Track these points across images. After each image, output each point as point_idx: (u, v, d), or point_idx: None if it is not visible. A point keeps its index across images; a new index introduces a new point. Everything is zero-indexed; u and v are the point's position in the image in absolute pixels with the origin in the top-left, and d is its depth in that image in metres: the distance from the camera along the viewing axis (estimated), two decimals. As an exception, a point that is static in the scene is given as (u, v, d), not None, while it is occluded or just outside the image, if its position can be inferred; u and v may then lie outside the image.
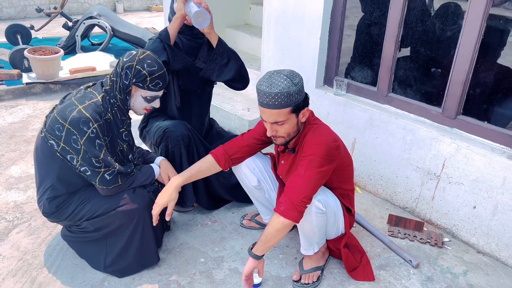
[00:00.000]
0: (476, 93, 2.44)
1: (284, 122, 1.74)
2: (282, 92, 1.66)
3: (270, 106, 1.70)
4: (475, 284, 2.08)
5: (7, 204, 2.55)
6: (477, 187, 2.21)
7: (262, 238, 1.75)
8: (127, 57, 1.88)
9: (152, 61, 1.88)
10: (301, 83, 1.74)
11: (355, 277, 2.08)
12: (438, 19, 2.73)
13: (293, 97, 1.68)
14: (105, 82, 1.93)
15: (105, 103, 1.87)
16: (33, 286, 1.97)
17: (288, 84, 1.67)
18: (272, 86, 1.67)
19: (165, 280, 2.03)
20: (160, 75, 1.90)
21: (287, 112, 1.71)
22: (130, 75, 1.85)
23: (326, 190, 1.90)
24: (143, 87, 1.88)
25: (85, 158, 1.80)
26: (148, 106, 1.95)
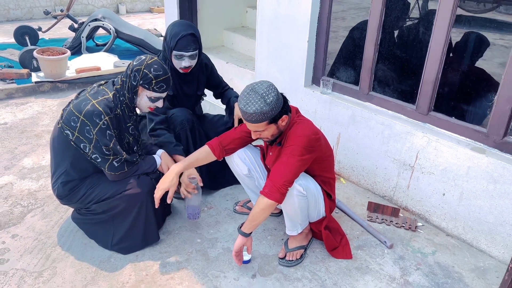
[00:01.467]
0: (445, 92, 2.69)
1: (264, 130, 2.00)
2: (256, 112, 1.90)
3: (248, 121, 1.96)
4: (441, 262, 2.33)
5: (21, 192, 2.80)
6: (446, 176, 2.46)
7: (250, 217, 2.01)
8: (137, 61, 2.14)
9: (158, 66, 2.13)
10: (274, 100, 1.93)
11: (335, 256, 2.33)
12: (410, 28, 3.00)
13: (267, 114, 1.92)
14: (116, 81, 2.18)
15: (115, 100, 2.12)
16: (48, 261, 2.22)
17: (261, 105, 1.90)
18: (247, 105, 1.91)
19: (165, 257, 2.28)
20: (164, 79, 2.14)
21: (264, 124, 1.97)
22: (138, 77, 2.10)
23: (307, 176, 2.15)
24: (149, 88, 2.13)
25: (97, 146, 2.06)
26: (152, 105, 2.20)
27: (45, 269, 2.17)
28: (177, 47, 2.45)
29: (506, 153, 2.27)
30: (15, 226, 2.47)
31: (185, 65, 2.50)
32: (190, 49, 2.46)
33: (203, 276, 2.16)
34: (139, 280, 2.12)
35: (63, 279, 2.11)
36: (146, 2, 9.50)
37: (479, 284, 2.19)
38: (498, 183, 2.24)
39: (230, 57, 4.39)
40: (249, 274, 2.19)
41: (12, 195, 2.75)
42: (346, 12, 5.95)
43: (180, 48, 2.45)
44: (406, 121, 2.65)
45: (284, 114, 2.02)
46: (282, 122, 2.03)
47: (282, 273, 2.21)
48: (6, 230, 2.43)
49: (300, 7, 2.99)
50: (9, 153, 3.27)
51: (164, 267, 2.21)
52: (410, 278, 2.21)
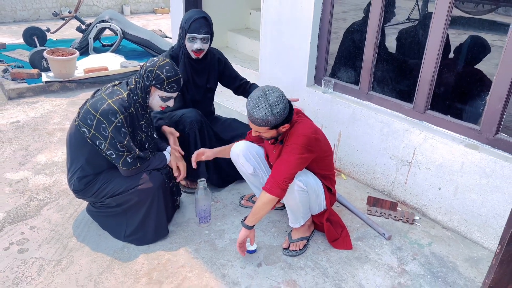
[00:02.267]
0: (441, 91, 2.82)
1: (264, 133, 2.14)
2: (261, 119, 2.03)
3: (251, 121, 2.10)
4: (437, 253, 2.46)
5: (37, 186, 2.94)
6: (441, 171, 2.59)
7: (252, 211, 2.15)
8: (150, 62, 2.27)
9: (170, 68, 2.26)
10: (281, 111, 2.04)
11: (336, 246, 2.46)
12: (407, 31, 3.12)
13: (270, 123, 2.05)
14: (130, 81, 2.31)
15: (129, 99, 2.26)
16: (65, 251, 2.36)
17: (268, 114, 2.02)
18: (254, 110, 2.03)
19: (175, 248, 2.42)
20: (175, 80, 2.28)
21: (266, 129, 2.10)
22: (151, 77, 2.24)
23: (307, 172, 2.29)
24: (161, 88, 2.26)
25: (112, 143, 2.19)
26: (164, 105, 2.33)
27: (63, 257, 2.30)
28: (190, 29, 2.61)
29: (498, 149, 2.39)
30: (33, 218, 2.60)
31: (197, 47, 2.66)
32: (202, 32, 2.62)
33: (212, 264, 2.30)
34: (151, 268, 2.26)
35: (80, 267, 2.24)
36: (150, 3, 9.64)
37: (472, 272, 2.31)
38: (490, 178, 2.37)
39: (234, 57, 4.52)
40: (255, 263, 2.32)
41: (28, 190, 2.89)
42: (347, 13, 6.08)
43: (193, 30, 2.61)
44: (404, 119, 2.77)
45: (286, 123, 2.14)
46: (282, 129, 2.16)
47: (286, 262, 2.34)
48: (24, 222, 2.56)
49: (303, 10, 3.12)
50: (23, 150, 3.41)
51: (174, 256, 2.35)
52: (407, 267, 2.34)
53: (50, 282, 2.14)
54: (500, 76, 2.27)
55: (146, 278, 2.19)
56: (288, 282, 2.20)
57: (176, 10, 4.70)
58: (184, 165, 2.52)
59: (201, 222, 2.58)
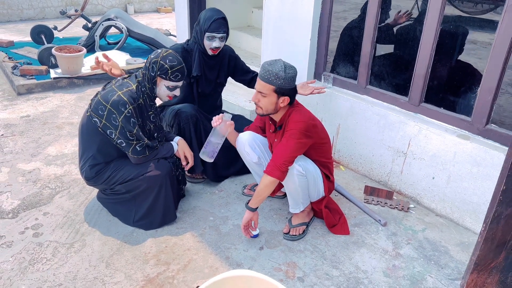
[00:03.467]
0: (435, 85, 2.94)
1: (265, 95, 2.25)
2: (272, 72, 2.19)
3: (261, 78, 2.23)
4: (430, 238, 2.59)
5: (48, 176, 3.07)
6: (435, 161, 2.72)
7: (255, 193, 2.28)
8: (154, 54, 2.41)
9: (173, 58, 2.39)
10: (290, 76, 2.23)
11: (334, 232, 2.59)
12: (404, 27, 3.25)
13: (278, 80, 2.19)
14: (138, 74, 2.45)
15: (138, 91, 2.39)
16: (77, 235, 2.49)
17: (281, 70, 2.19)
18: (270, 65, 2.21)
19: (182, 232, 2.55)
20: (179, 69, 2.41)
21: (271, 89, 2.23)
22: (156, 68, 2.37)
23: (306, 158, 2.42)
24: (166, 78, 2.39)
25: (122, 132, 2.32)
26: (171, 94, 2.46)
27: (76, 241, 2.44)
28: (210, 28, 2.75)
29: (488, 139, 2.52)
30: (46, 205, 2.74)
31: (215, 46, 2.80)
32: (221, 31, 2.77)
33: (216, 247, 2.43)
34: (159, 251, 2.39)
35: (92, 250, 2.38)
36: (154, 2, 9.78)
37: (463, 256, 2.44)
38: (481, 166, 2.50)
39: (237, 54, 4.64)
40: (257, 246, 2.45)
41: (40, 179, 3.02)
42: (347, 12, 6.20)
43: (213, 30, 2.75)
44: (399, 111, 2.90)
45: (288, 96, 2.27)
46: (281, 102, 2.28)
47: (286, 245, 2.47)
48: (38, 209, 2.70)
49: (303, 7, 3.25)
50: (34, 143, 3.55)
51: (181, 240, 2.48)
52: (401, 251, 2.46)
53: (65, 263, 2.27)
54: (489, 69, 2.39)
55: (155, 260, 2.32)
56: (288, 264, 2.33)
57: (181, 9, 4.83)
58: (191, 154, 2.65)
59: (203, 153, 2.46)
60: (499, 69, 2.36)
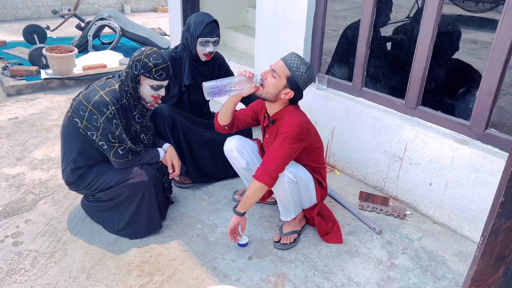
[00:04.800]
0: (432, 87, 2.84)
1: (276, 77, 2.13)
2: (297, 61, 2.13)
3: (283, 60, 2.15)
4: (427, 247, 2.48)
5: (33, 181, 2.97)
6: (432, 167, 2.61)
7: (243, 198, 2.18)
8: (138, 52, 2.31)
9: (158, 56, 2.29)
10: (308, 76, 2.16)
11: (326, 240, 2.49)
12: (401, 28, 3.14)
13: (297, 71, 2.11)
14: (121, 73, 2.35)
15: (121, 90, 2.29)
16: (59, 244, 2.39)
17: (305, 65, 2.14)
18: (298, 56, 2.16)
19: (168, 241, 2.45)
20: (163, 67, 2.30)
21: (285, 74, 2.12)
22: (139, 66, 2.27)
23: (297, 164, 2.31)
24: (150, 77, 2.29)
25: (103, 134, 2.22)
26: (155, 94, 2.36)
27: (57, 250, 2.34)
28: (203, 33, 2.64)
29: (487, 144, 2.41)
30: (28, 212, 2.64)
31: (209, 51, 2.70)
32: (214, 35, 2.67)
33: (203, 257, 2.33)
34: (143, 261, 2.29)
35: (73, 260, 2.28)
36: (151, 2, 9.68)
37: (461, 266, 2.33)
38: (479, 173, 2.39)
39: (231, 55, 4.55)
40: (246, 256, 2.35)
41: (25, 184, 2.93)
42: (347, 11, 6.10)
43: (206, 34, 2.65)
44: (395, 115, 2.79)
45: (294, 92, 2.17)
46: (284, 94, 2.17)
47: (276, 255, 2.37)
48: (20, 216, 2.60)
49: (297, 7, 3.14)
50: (20, 146, 3.45)
51: (167, 249, 2.38)
52: (396, 261, 2.36)
53: (43, 274, 2.17)
54: (489, 71, 2.29)
55: (138, 271, 2.22)
56: (278, 275, 2.23)
57: (173, 8, 4.73)
58: (179, 163, 2.55)
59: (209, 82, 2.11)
60: (499, 70, 2.25)
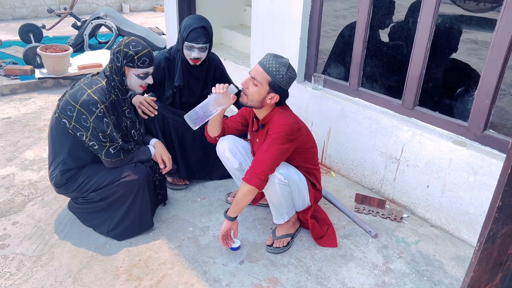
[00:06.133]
0: (430, 87, 2.77)
1: (257, 84, 2.08)
2: (275, 63, 2.06)
3: (261, 64, 2.09)
4: (423, 251, 2.42)
5: (23, 182, 2.92)
6: (430, 169, 2.55)
7: (234, 202, 2.12)
8: (116, 44, 2.26)
9: (137, 43, 2.23)
10: (290, 76, 2.10)
11: (321, 244, 2.42)
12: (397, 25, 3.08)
13: (278, 74, 2.05)
14: (105, 69, 2.28)
15: (108, 86, 2.23)
16: (46, 247, 2.33)
17: (284, 66, 2.08)
18: (275, 57, 2.10)
19: (158, 244, 2.39)
20: (145, 54, 2.23)
21: (266, 80, 2.07)
22: (121, 57, 2.20)
23: (289, 166, 2.25)
24: (133, 66, 2.22)
25: (94, 134, 2.16)
26: (143, 83, 2.29)
27: (44, 253, 2.28)
28: (188, 38, 2.58)
29: (486, 146, 2.35)
30: (16, 214, 2.58)
31: (194, 56, 2.63)
32: (200, 41, 2.59)
33: (194, 261, 2.27)
34: (132, 264, 2.23)
35: (60, 263, 2.22)
36: (149, 1, 9.63)
37: (459, 271, 2.27)
38: (478, 175, 2.33)
39: (228, 54, 4.49)
40: (238, 260, 2.29)
41: (14, 185, 2.87)
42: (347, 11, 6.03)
43: (191, 39, 2.58)
44: (392, 115, 2.73)
45: (278, 95, 2.12)
46: (269, 99, 2.12)
47: (269, 259, 2.31)
48: (8, 218, 2.54)
49: (292, 5, 3.08)
50: (11, 146, 3.40)
51: (156, 253, 2.32)
52: (392, 266, 2.30)
53: (29, 278, 2.11)
54: (487, 71, 2.22)
55: (126, 275, 2.16)
56: (270, 280, 2.17)
57: (169, 7, 4.68)
58: (169, 157, 2.50)
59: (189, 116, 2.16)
60: (497, 70, 2.19)
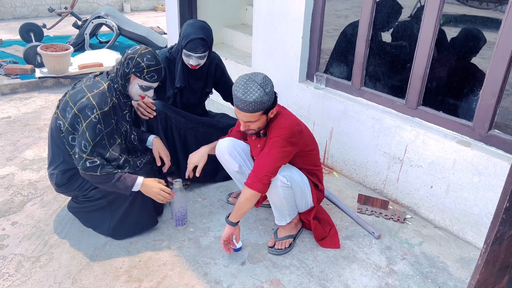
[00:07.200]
0: (434, 87, 2.74)
1: (255, 121, 2.06)
2: (256, 101, 1.96)
3: (244, 110, 2.00)
4: (427, 253, 2.38)
5: (22, 182, 2.89)
6: (433, 169, 2.51)
7: (236, 207, 2.09)
8: (132, 50, 2.21)
9: (152, 57, 2.19)
10: (272, 90, 2.03)
11: (323, 245, 2.39)
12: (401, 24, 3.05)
13: (265, 104, 1.99)
14: (111, 71, 2.25)
15: (110, 89, 2.19)
16: (45, 247, 2.31)
17: (261, 94, 1.96)
18: (247, 94, 1.96)
19: (158, 245, 2.36)
20: (156, 69, 2.21)
21: (259, 114, 2.03)
22: (131, 65, 2.17)
23: (292, 167, 2.22)
24: (140, 77, 2.20)
25: (79, 140, 2.11)
26: (143, 94, 2.26)
27: (43, 254, 2.25)
28: (186, 47, 2.56)
29: (490, 146, 2.32)
30: (15, 214, 2.56)
31: (192, 63, 2.62)
32: (198, 52, 2.57)
33: (194, 262, 2.24)
34: (132, 265, 2.20)
35: (59, 264, 2.19)
36: (150, 1, 9.60)
37: (463, 273, 2.24)
38: (482, 175, 2.29)
39: (229, 53, 4.46)
40: (239, 261, 2.26)
41: (13, 185, 2.85)
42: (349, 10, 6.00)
43: (189, 49, 2.56)
44: (395, 115, 2.70)
45: (275, 105, 2.09)
46: (271, 115, 2.10)
47: (271, 261, 2.28)
48: (7, 218, 2.52)
49: (294, 4, 3.05)
50: (11, 145, 3.37)
51: (157, 254, 2.29)
52: (396, 267, 2.27)
53: (28, 279, 2.09)
54: (492, 70, 2.19)
55: (126, 276, 2.13)
56: (272, 281, 2.14)
57: (171, 7, 4.65)
58: (167, 154, 2.48)
59: (177, 224, 2.47)
60: (503, 70, 2.15)
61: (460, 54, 2.95)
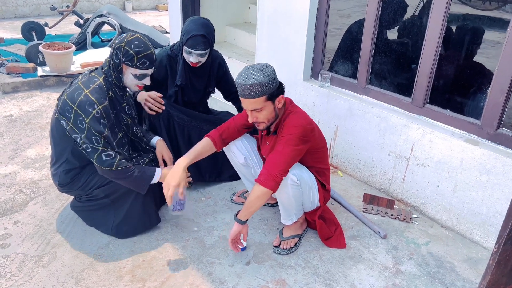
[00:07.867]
0: (441, 85, 2.71)
1: (261, 109, 2.02)
2: (255, 83, 1.94)
3: (247, 96, 1.98)
4: (434, 253, 2.35)
5: (24, 181, 2.87)
6: (440, 168, 2.48)
7: (245, 205, 2.05)
8: (118, 39, 2.15)
9: (139, 42, 2.12)
10: (273, 74, 2.00)
11: (329, 245, 2.37)
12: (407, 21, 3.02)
13: (266, 87, 1.96)
14: (104, 64, 2.21)
15: (106, 83, 2.16)
16: (48, 247, 2.28)
17: (260, 76, 1.94)
18: (247, 79, 1.95)
19: (162, 244, 2.33)
20: (146, 55, 2.13)
21: (263, 100, 1.99)
22: (120, 54, 2.11)
23: (301, 166, 2.19)
24: (132, 65, 2.13)
25: (88, 136, 2.07)
26: (139, 83, 2.20)
27: (45, 253, 2.23)
28: (187, 44, 2.54)
29: (499, 144, 2.29)
30: (18, 213, 2.53)
31: (192, 61, 2.60)
32: (199, 49, 2.55)
33: (199, 262, 2.21)
34: (136, 265, 2.17)
35: (62, 264, 2.17)
36: (152, 0, 9.58)
37: (471, 273, 2.21)
38: (491, 175, 2.26)
39: (232, 52, 4.44)
40: (244, 261, 2.23)
41: (16, 184, 2.82)
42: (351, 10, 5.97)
43: (190, 46, 2.54)
44: (402, 113, 2.67)
45: (281, 93, 2.06)
46: (278, 104, 2.06)
47: (276, 260, 2.25)
48: (9, 217, 2.49)
49: (299, 2, 3.02)
50: (13, 144, 3.35)
51: (160, 253, 2.26)
52: (402, 267, 2.24)
53: (30, 279, 2.06)
54: (501, 68, 2.16)
55: (129, 276, 2.11)
56: (277, 281, 2.11)
57: (173, 5, 4.62)
58: (170, 156, 2.45)
59: (173, 209, 2.27)
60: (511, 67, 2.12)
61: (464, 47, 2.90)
